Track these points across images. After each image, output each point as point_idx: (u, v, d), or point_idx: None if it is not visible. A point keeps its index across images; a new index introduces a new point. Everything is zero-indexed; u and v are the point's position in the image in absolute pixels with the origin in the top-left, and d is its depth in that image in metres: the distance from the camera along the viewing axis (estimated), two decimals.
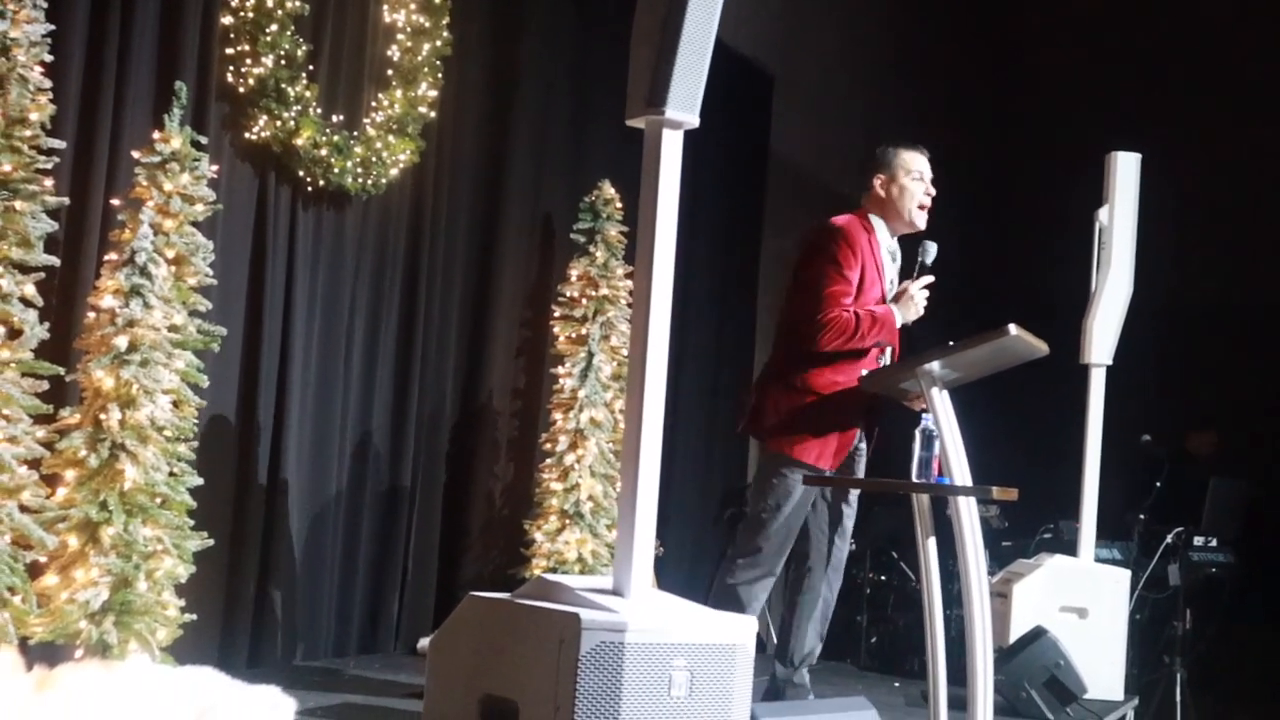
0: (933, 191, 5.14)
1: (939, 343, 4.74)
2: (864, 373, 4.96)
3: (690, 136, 3.66)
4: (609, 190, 6.85)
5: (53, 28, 4.32)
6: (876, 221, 5.09)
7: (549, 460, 6.60)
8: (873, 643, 7.91)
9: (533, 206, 7.30)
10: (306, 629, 6.01)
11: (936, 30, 11.73)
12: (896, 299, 4.97)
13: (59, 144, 4.35)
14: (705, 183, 7.97)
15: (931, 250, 5.02)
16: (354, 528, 6.28)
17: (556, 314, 6.78)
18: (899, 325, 4.97)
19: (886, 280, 5.05)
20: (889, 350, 5.03)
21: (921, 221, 5.13)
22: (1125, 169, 6.84)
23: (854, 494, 5.20)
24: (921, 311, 5.01)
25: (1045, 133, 12.07)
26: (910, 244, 5.17)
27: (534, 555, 6.50)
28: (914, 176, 5.09)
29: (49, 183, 4.27)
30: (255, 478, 5.69)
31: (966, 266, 11.72)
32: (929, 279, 4.98)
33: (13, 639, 4.14)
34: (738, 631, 3.33)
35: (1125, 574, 6.81)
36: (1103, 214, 6.82)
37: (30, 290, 4.21)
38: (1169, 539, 7.69)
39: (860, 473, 5.17)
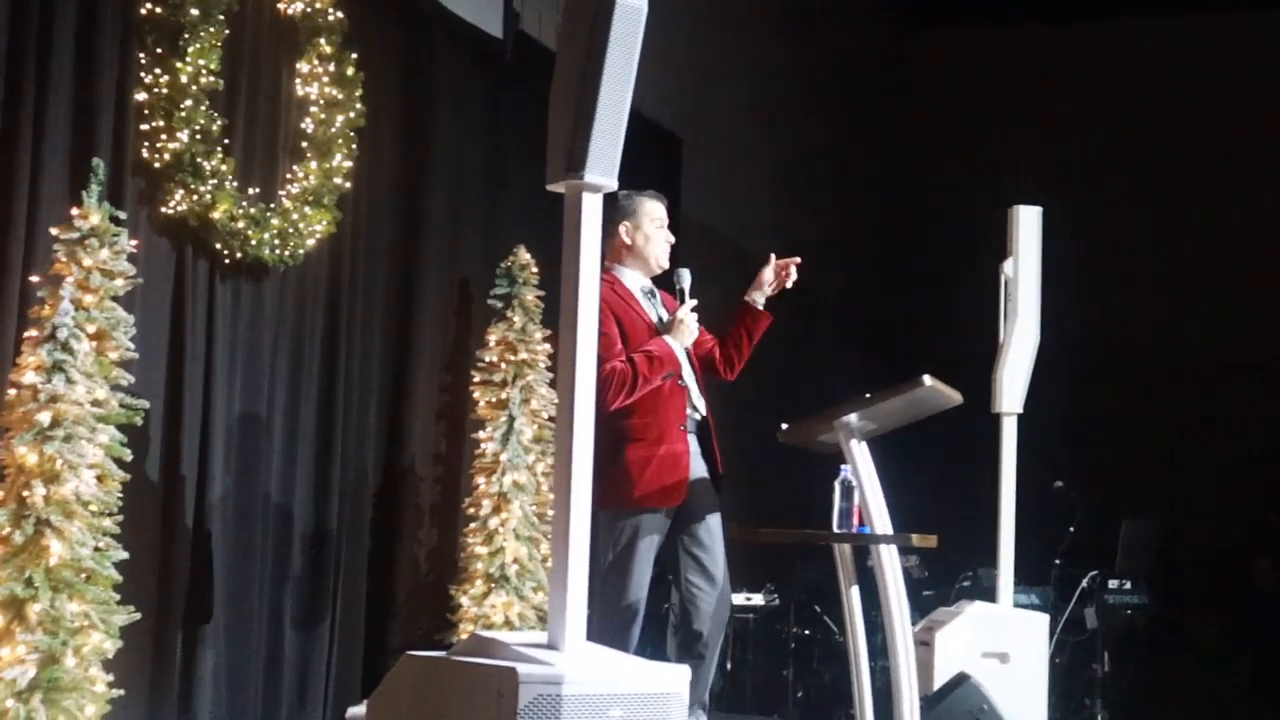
0: (672, 238, 5.19)
1: (856, 395, 4.85)
2: (784, 426, 5.03)
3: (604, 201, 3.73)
4: (524, 255, 6.93)
5: None
6: (620, 270, 5.13)
7: (473, 524, 6.63)
8: (799, 697, 7.97)
9: (449, 273, 7.36)
10: (234, 702, 5.96)
11: (842, 91, 11.97)
12: (668, 329, 5.04)
13: None
14: None
15: (685, 276, 5.06)
16: (279, 599, 6.26)
17: (476, 379, 6.83)
18: (680, 350, 4.97)
19: (653, 318, 5.08)
20: (685, 376, 5.04)
21: (666, 263, 5.17)
22: (1028, 222, 6.99)
23: (712, 535, 5.03)
24: (696, 332, 5.03)
25: (950, 187, 12.33)
26: (664, 277, 5.21)
27: (460, 620, 6.51)
28: (657, 224, 5.14)
29: None
30: (179, 550, 5.67)
31: (880, 321, 11.95)
32: (692, 303, 5.03)
33: None
34: (671, 680, 3.38)
35: (1044, 618, 6.89)
36: (1007, 266, 6.96)
37: None
38: (1084, 582, 7.82)
39: (716, 510, 5.05)
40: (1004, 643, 6.65)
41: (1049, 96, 12.37)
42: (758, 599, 8.19)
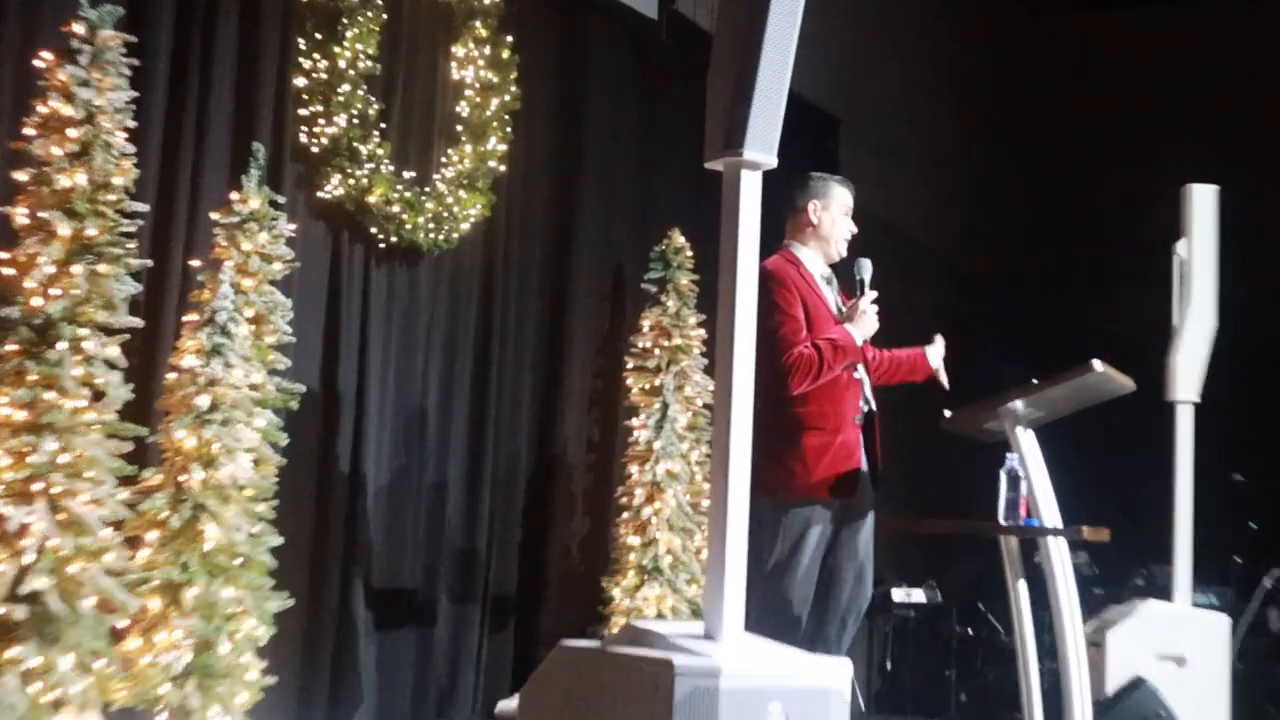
0: (854, 229, 5.11)
1: (1023, 381, 4.66)
2: (946, 413, 4.87)
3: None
4: (679, 239, 6.82)
5: (136, 94, 4.36)
6: (801, 251, 5.01)
7: (626, 514, 6.50)
8: (962, 699, 7.73)
9: (603, 257, 7.30)
10: (384, 691, 5.95)
11: (1002, 67, 11.69)
12: (850, 318, 4.88)
13: (142, 207, 4.37)
14: (771, 230, 7.93)
15: (867, 267, 4.94)
16: (430, 586, 6.24)
17: (629, 365, 6.73)
18: (860, 341, 4.85)
19: (831, 305, 4.96)
20: (859, 369, 4.93)
21: (844, 251, 5.07)
22: (1202, 201, 6.72)
23: (866, 527, 4.92)
24: (876, 325, 4.90)
25: (1118, 167, 11.99)
26: (843, 267, 5.09)
27: (612, 613, 6.38)
28: (844, 211, 5.07)
29: (131, 245, 4.29)
30: (333, 536, 5.68)
31: (1041, 306, 11.64)
32: (873, 294, 4.90)
33: (97, 706, 4.11)
34: (831, 674, 3.26)
35: (1224, 620, 6.58)
36: (1181, 247, 6.69)
37: (114, 352, 4.21)
38: (1268, 583, 7.47)
39: (871, 506, 4.93)
40: (1181, 645, 6.37)
41: (1210, 75, 11.94)
42: (918, 595, 7.97)
